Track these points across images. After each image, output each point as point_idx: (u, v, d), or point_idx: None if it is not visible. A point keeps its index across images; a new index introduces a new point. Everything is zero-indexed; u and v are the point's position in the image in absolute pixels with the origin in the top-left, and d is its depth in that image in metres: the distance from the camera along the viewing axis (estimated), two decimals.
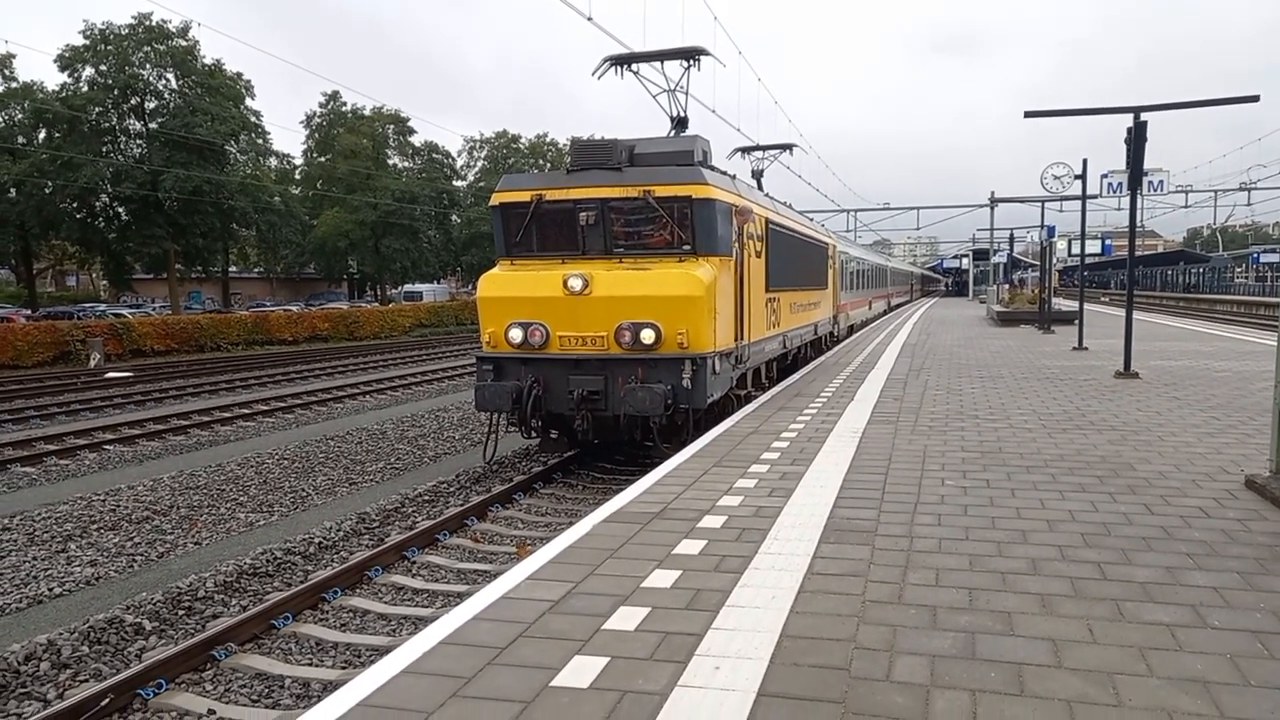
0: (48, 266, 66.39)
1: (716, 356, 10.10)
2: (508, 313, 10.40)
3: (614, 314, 9.93)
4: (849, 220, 58.09)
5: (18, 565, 8.55)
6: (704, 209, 10.12)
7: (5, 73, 50.06)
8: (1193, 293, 69.12)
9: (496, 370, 10.51)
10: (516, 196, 10.71)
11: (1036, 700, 3.30)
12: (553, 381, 10.23)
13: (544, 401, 10.28)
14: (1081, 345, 18.96)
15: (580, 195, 10.41)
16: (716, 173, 11.16)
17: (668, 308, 9.78)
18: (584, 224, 10.37)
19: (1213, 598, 4.30)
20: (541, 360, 10.26)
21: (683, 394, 9.72)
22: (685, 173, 10.34)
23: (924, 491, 6.50)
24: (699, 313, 9.77)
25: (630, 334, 9.83)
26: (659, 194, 10.14)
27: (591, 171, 10.52)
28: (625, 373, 9.86)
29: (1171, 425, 9.15)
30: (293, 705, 5.52)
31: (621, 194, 10.27)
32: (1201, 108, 13.86)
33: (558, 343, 10.25)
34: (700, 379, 9.74)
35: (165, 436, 16.02)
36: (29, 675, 5.96)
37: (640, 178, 10.30)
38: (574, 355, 10.14)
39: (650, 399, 9.47)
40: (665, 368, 9.76)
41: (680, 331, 9.75)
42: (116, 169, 47.71)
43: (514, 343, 10.33)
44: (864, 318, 31.99)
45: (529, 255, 10.81)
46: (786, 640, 3.88)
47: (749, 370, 12.17)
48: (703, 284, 9.80)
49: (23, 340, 30.07)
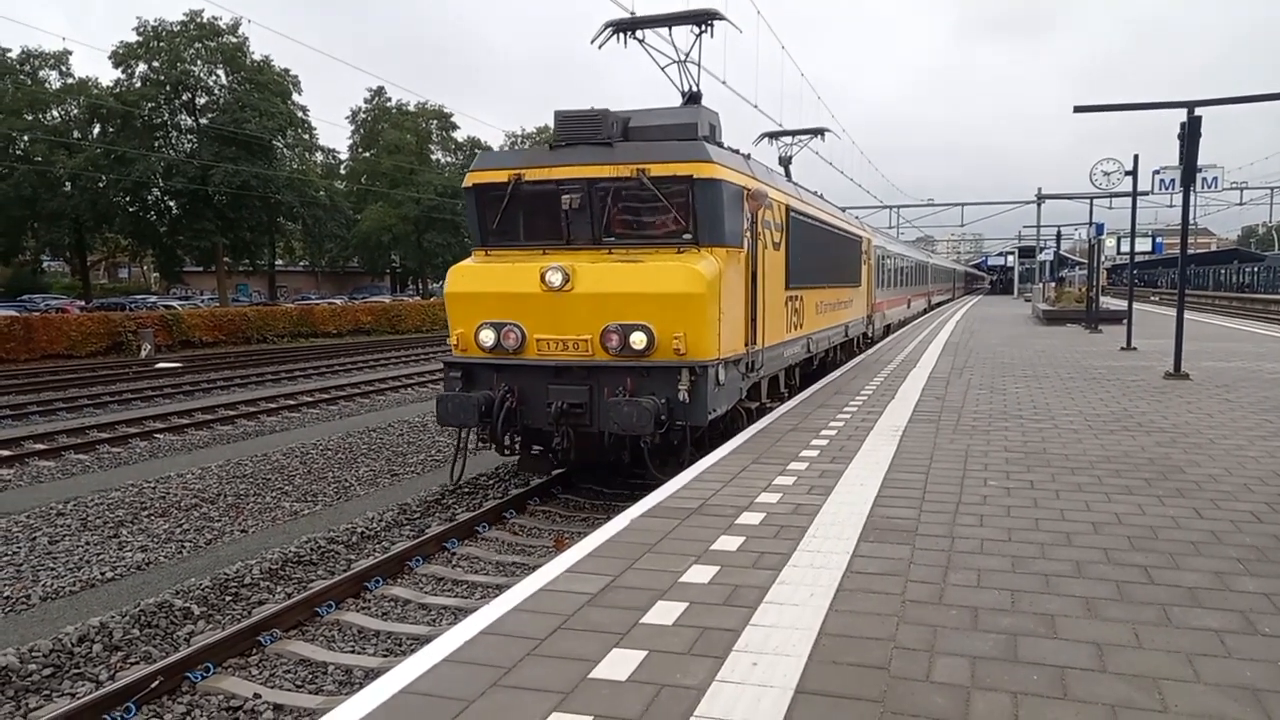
0: (101, 259, 68.06)
1: (721, 365, 8.76)
2: (478, 311, 9.12)
3: (600, 314, 8.60)
4: (891, 216, 57.56)
5: (71, 549, 8.80)
6: (708, 191, 8.73)
7: (62, 69, 51.44)
8: (1246, 292, 67.37)
9: (466, 378, 9.30)
10: (492, 177, 9.37)
11: (1079, 704, 3.26)
12: (529, 391, 8.97)
13: (519, 414, 9.03)
14: (1130, 345, 18.58)
15: (564, 175, 9.04)
16: (725, 150, 9.77)
17: (662, 307, 8.44)
18: (568, 208, 8.99)
19: (1264, 604, 4.21)
20: (516, 367, 9.00)
21: (679, 409, 8.42)
22: (686, 149, 8.94)
23: (966, 491, 6.43)
24: (699, 313, 8.43)
25: (618, 338, 8.51)
26: (655, 173, 8.74)
27: (578, 148, 9.12)
28: (613, 383, 8.55)
29: (1223, 428, 8.94)
30: (336, 691, 5.62)
31: (611, 173, 8.88)
32: (1262, 102, 13.51)
33: (535, 347, 8.92)
34: (700, 391, 8.45)
35: (213, 426, 16.35)
36: (82, 656, 6.13)
37: (633, 155, 8.92)
38: (554, 361, 8.85)
39: (638, 415, 8.12)
40: (659, 378, 8.48)
41: (677, 335, 8.36)
42: (168, 164, 48.78)
43: (485, 346, 9.06)
44: (902, 317, 30.45)
45: (507, 245, 9.53)
46: (825, 638, 3.87)
47: (764, 379, 10.89)
48: (704, 279, 8.40)
49: (77, 331, 30.85)
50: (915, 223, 68.02)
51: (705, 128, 9.71)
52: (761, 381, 10.77)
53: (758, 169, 10.55)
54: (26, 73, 50.85)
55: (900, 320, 29.81)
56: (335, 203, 61.48)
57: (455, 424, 9.05)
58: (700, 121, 9.67)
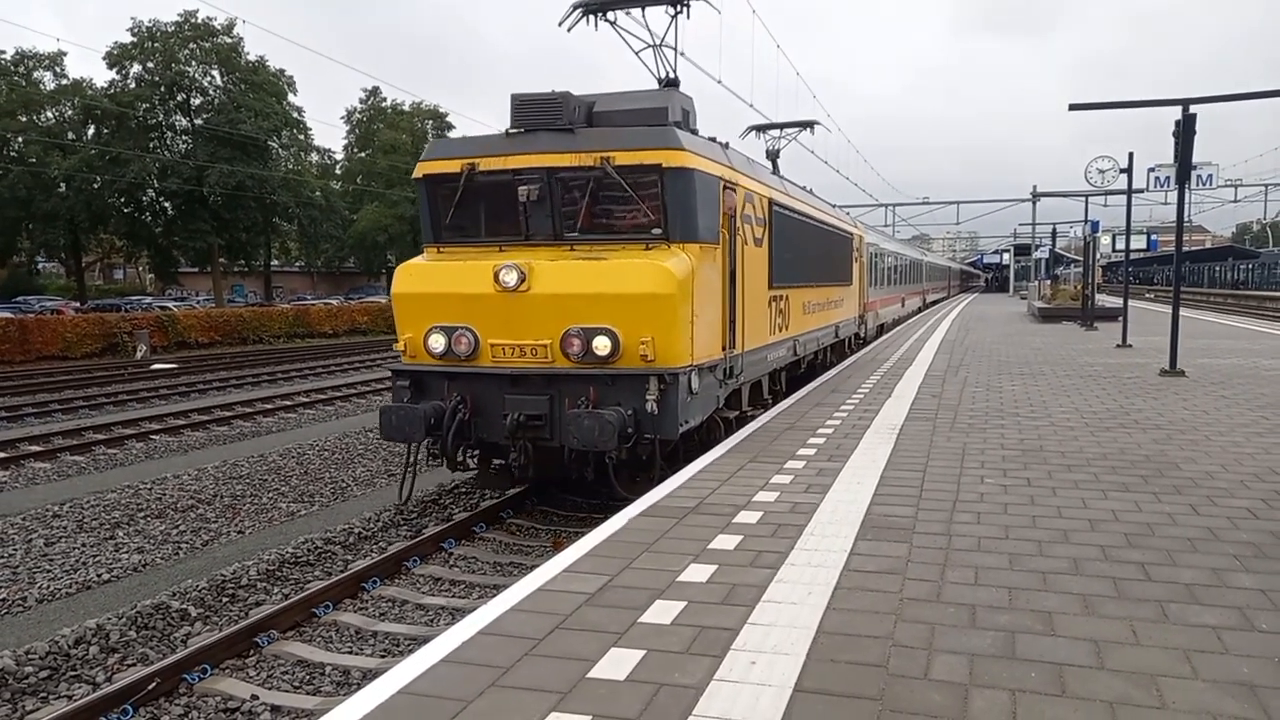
0: (96, 260, 67.92)
1: (694, 371, 8.09)
2: (428, 314, 8.46)
3: (560, 317, 7.93)
4: (887, 215, 57.59)
5: (68, 551, 8.78)
6: (679, 182, 8.07)
7: (56, 70, 51.32)
8: (1241, 289, 67.53)
9: (415, 387, 8.63)
10: (443, 167, 8.69)
11: (1078, 701, 3.26)
12: (484, 402, 8.29)
13: (473, 427, 8.37)
14: (1126, 342, 18.62)
15: (521, 164, 8.34)
16: (700, 138, 9.08)
17: (628, 309, 7.77)
18: (525, 200, 8.27)
19: (1260, 600, 4.22)
20: (470, 375, 8.32)
21: (647, 421, 7.75)
22: (655, 135, 8.24)
23: (963, 489, 6.44)
24: (668, 316, 7.75)
25: (580, 343, 7.85)
26: (620, 162, 8.05)
27: (536, 135, 8.41)
28: (575, 392, 7.90)
29: (1219, 424, 8.96)
30: (333, 692, 5.61)
31: (573, 162, 8.20)
32: (1258, 100, 13.54)
33: (489, 353, 8.23)
34: (671, 401, 7.78)
35: (209, 427, 16.32)
36: (79, 658, 6.12)
37: (597, 142, 8.23)
38: (510, 369, 8.16)
39: (600, 429, 7.42)
40: (625, 387, 7.82)
41: (644, 340, 7.68)
42: (163, 164, 48.74)
43: (435, 352, 8.40)
44: (895, 316, 29.92)
45: (461, 241, 8.82)
46: (823, 636, 3.87)
47: (744, 385, 10.20)
48: (673, 278, 7.73)
49: (72, 332, 30.78)
50: (911, 221, 68.20)
51: (677, 113, 8.99)
52: (742, 388, 10.16)
53: (736, 159, 9.93)
54: (21, 74, 50.74)
55: (894, 320, 29.37)
56: (331, 203, 61.47)
57: (400, 438, 8.36)
58: (671, 106, 8.94)
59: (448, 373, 8.41)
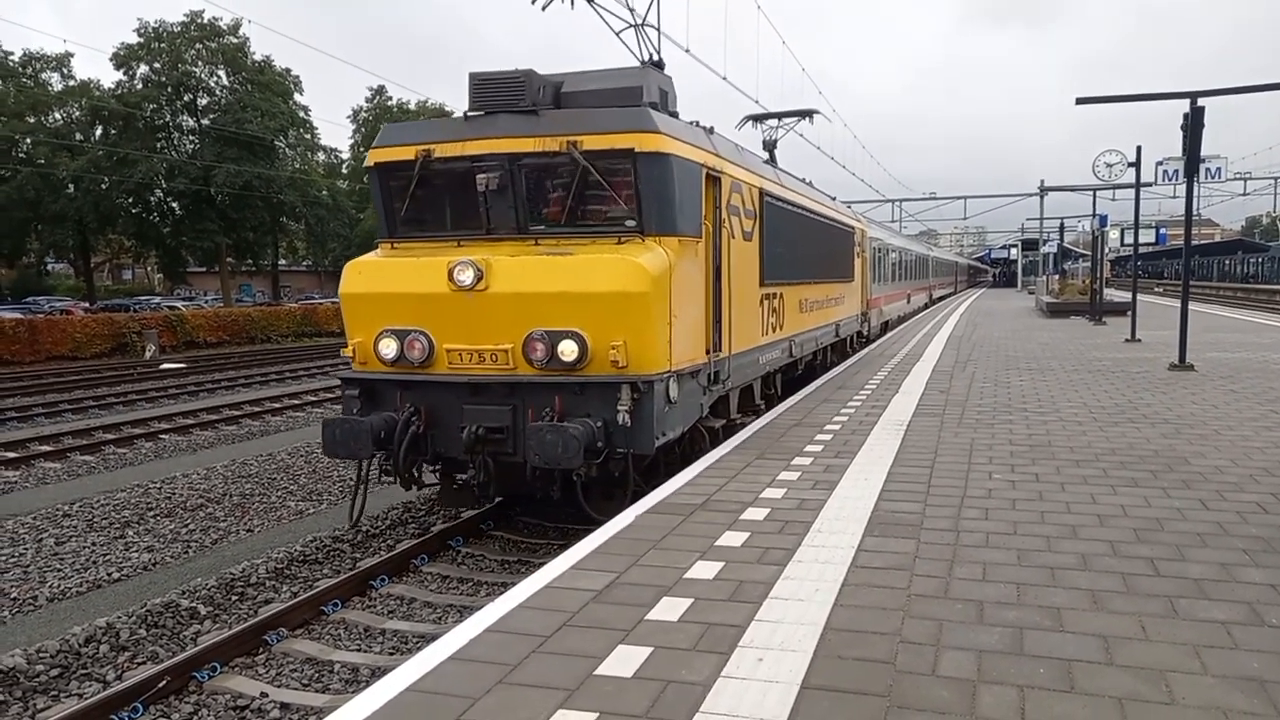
0: (104, 260, 68.22)
1: (672, 378, 7.35)
2: (378, 316, 7.74)
3: (521, 318, 7.20)
4: (893, 210, 57.49)
5: (78, 550, 8.82)
6: (654, 168, 7.35)
7: (63, 71, 51.51)
8: (1251, 283, 67.18)
9: (366, 397, 7.89)
10: (397, 154, 7.99)
11: (1086, 697, 3.25)
12: (441, 413, 7.55)
13: (429, 440, 7.61)
14: (1134, 337, 18.55)
15: (480, 150, 7.62)
16: (679, 121, 8.32)
17: (597, 309, 7.05)
18: (485, 190, 7.54)
19: (1270, 595, 4.20)
20: (424, 384, 7.59)
21: (619, 434, 7.03)
22: (627, 116, 7.52)
23: (971, 485, 6.42)
24: (642, 316, 7.03)
25: (544, 347, 7.10)
26: (589, 146, 7.33)
27: (497, 117, 7.69)
28: (540, 402, 7.19)
29: (1228, 419, 8.92)
30: (342, 690, 5.63)
31: (536, 147, 7.48)
32: (1266, 92, 13.46)
33: (445, 359, 7.51)
34: (645, 412, 7.05)
35: (218, 426, 16.37)
36: (89, 657, 6.15)
37: (564, 125, 7.51)
38: (468, 377, 7.43)
39: (563, 444, 6.67)
40: (594, 396, 7.10)
41: (615, 344, 6.95)
42: (170, 164, 48.86)
43: (386, 359, 7.67)
44: (901, 313, 29.08)
45: (417, 236, 8.14)
46: (830, 633, 3.86)
47: (733, 391, 9.41)
48: (647, 275, 7.01)
49: (81, 332, 30.93)
50: (918, 216, 67.95)
51: (653, 93, 8.23)
52: (730, 394, 9.34)
53: (722, 145, 9.12)
54: (28, 75, 50.93)
55: (899, 316, 28.64)
56: (338, 202, 61.51)
57: (345, 455, 7.60)
58: (647, 85, 8.18)
59: (400, 381, 7.68)
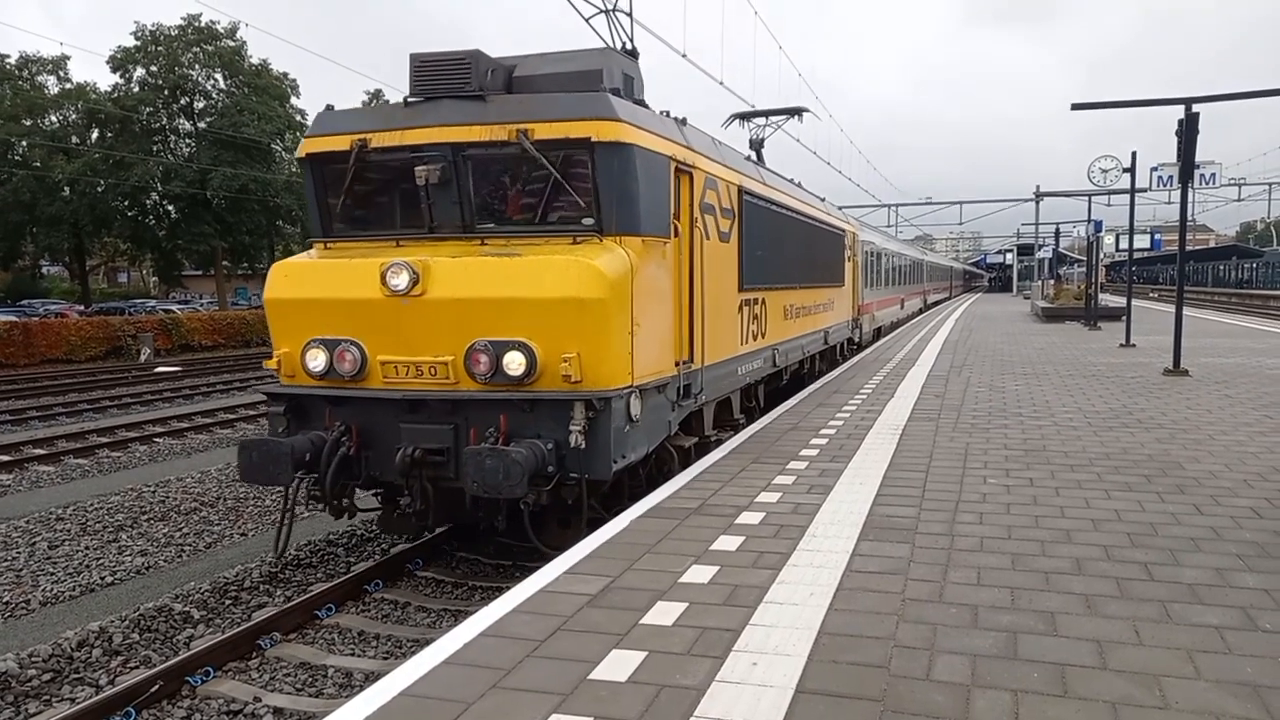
0: (100, 263, 68.08)
1: (634, 394, 6.62)
2: (305, 324, 6.93)
3: (463, 327, 6.47)
4: (889, 215, 57.59)
5: (71, 554, 8.79)
6: (613, 160, 6.68)
7: (60, 74, 51.44)
8: (1245, 288, 67.40)
9: (293, 414, 7.04)
10: (330, 144, 7.22)
11: (1080, 701, 3.25)
12: (376, 432, 6.78)
13: (363, 463, 6.86)
14: (1129, 342, 18.59)
15: (420, 139, 6.95)
16: (645, 110, 7.60)
17: (546, 317, 6.33)
18: (425, 184, 6.85)
19: (1264, 600, 4.21)
20: (357, 400, 6.79)
21: (572, 457, 6.29)
22: (582, 102, 6.82)
23: (966, 490, 6.43)
24: (598, 325, 6.33)
25: (488, 360, 6.38)
26: (541, 135, 6.64)
27: (440, 103, 7.00)
28: (484, 421, 6.40)
29: (1222, 424, 8.94)
30: (335, 694, 5.62)
31: (483, 136, 6.79)
32: (1264, 98, 13.51)
33: (379, 372, 6.74)
34: (602, 432, 6.32)
35: (212, 430, 16.33)
36: (82, 661, 6.12)
37: (513, 111, 6.83)
38: (404, 392, 6.65)
39: (505, 470, 5.89)
40: (545, 414, 6.34)
41: (567, 356, 6.25)
42: (166, 168, 48.78)
43: (314, 371, 6.86)
44: (894, 318, 28.51)
45: (354, 235, 7.40)
46: (825, 637, 3.86)
47: (708, 405, 8.72)
48: (603, 279, 6.29)
49: (76, 335, 30.84)
50: (914, 221, 68.17)
51: (615, 78, 7.53)
52: (704, 409, 8.62)
53: (695, 138, 8.42)
54: (25, 78, 50.85)
55: (893, 322, 28.10)
56: None
57: (263, 481, 6.89)
58: (608, 69, 7.49)
59: (330, 396, 6.86)
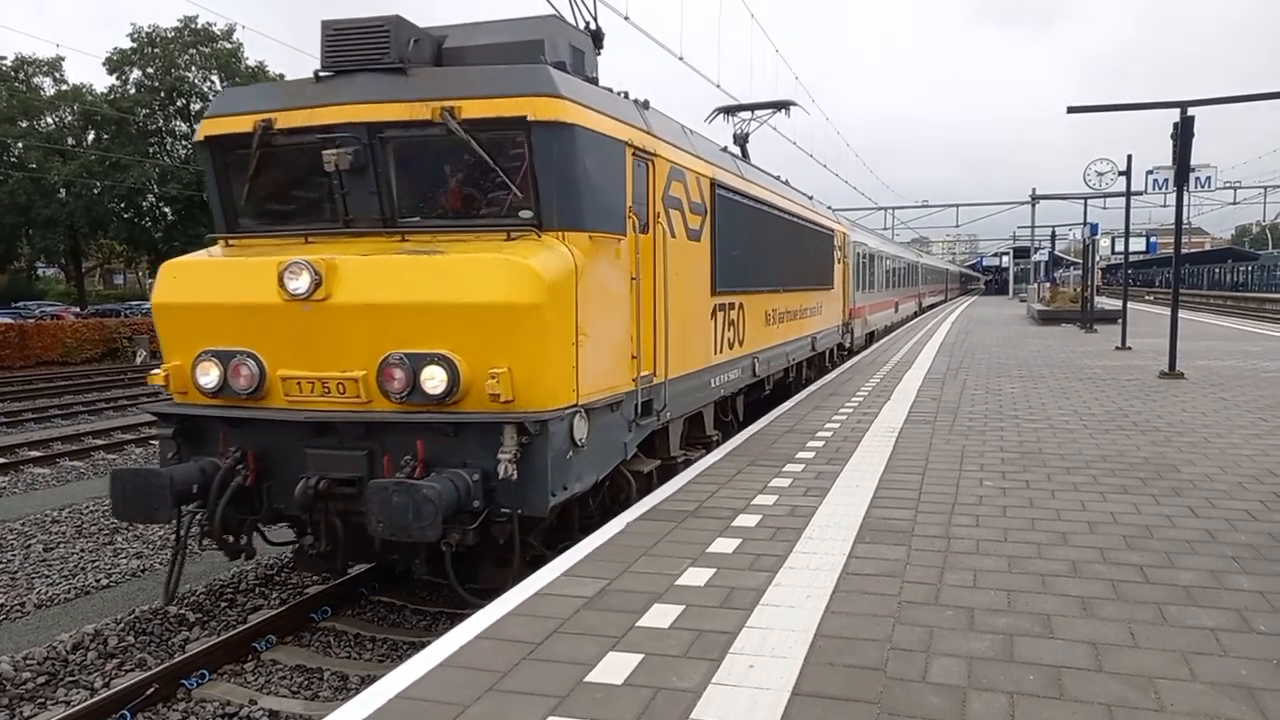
0: (96, 265, 67.95)
1: (579, 414, 5.73)
2: (197, 333, 5.99)
3: (376, 338, 5.53)
4: (886, 218, 57.67)
5: (67, 556, 8.77)
6: (554, 142, 5.73)
7: (55, 76, 51.39)
8: (1241, 291, 67.58)
9: (184, 437, 6.13)
10: (231, 125, 6.28)
11: (1076, 704, 3.26)
12: (277, 459, 5.87)
13: (264, 494, 5.96)
14: (1125, 345, 18.62)
15: (330, 119, 5.92)
16: (593, 86, 6.62)
17: (472, 326, 5.42)
18: (335, 169, 5.87)
19: (1258, 602, 4.22)
20: (255, 422, 5.86)
21: (502, 490, 5.39)
22: (517, 76, 5.84)
23: (962, 492, 6.44)
24: (534, 335, 5.44)
25: (404, 375, 5.45)
26: (469, 114, 5.69)
27: (354, 77, 6.01)
28: (401, 447, 5.53)
29: (1218, 426, 8.96)
30: (331, 697, 5.61)
31: (403, 115, 5.81)
32: (1256, 101, 13.55)
33: (281, 389, 5.80)
34: (538, 460, 5.42)
35: None
36: (77, 664, 6.11)
37: (437, 86, 5.86)
38: (309, 413, 5.71)
39: (414, 510, 4.92)
40: (472, 439, 5.45)
41: (496, 371, 5.32)
42: (163, 169, 48.74)
43: (206, 388, 5.91)
44: (888, 322, 27.72)
45: (258, 230, 6.53)
46: (821, 640, 3.86)
47: (674, 422, 7.78)
48: (539, 281, 5.39)
49: (72, 337, 30.78)
50: (910, 224, 68.21)
51: (560, 50, 6.54)
52: (670, 427, 7.67)
53: (657, 123, 7.48)
54: (20, 80, 50.79)
55: (886, 326, 27.25)
56: None
57: (137, 518, 6.03)
58: (550, 40, 6.50)
59: (224, 417, 5.95)
